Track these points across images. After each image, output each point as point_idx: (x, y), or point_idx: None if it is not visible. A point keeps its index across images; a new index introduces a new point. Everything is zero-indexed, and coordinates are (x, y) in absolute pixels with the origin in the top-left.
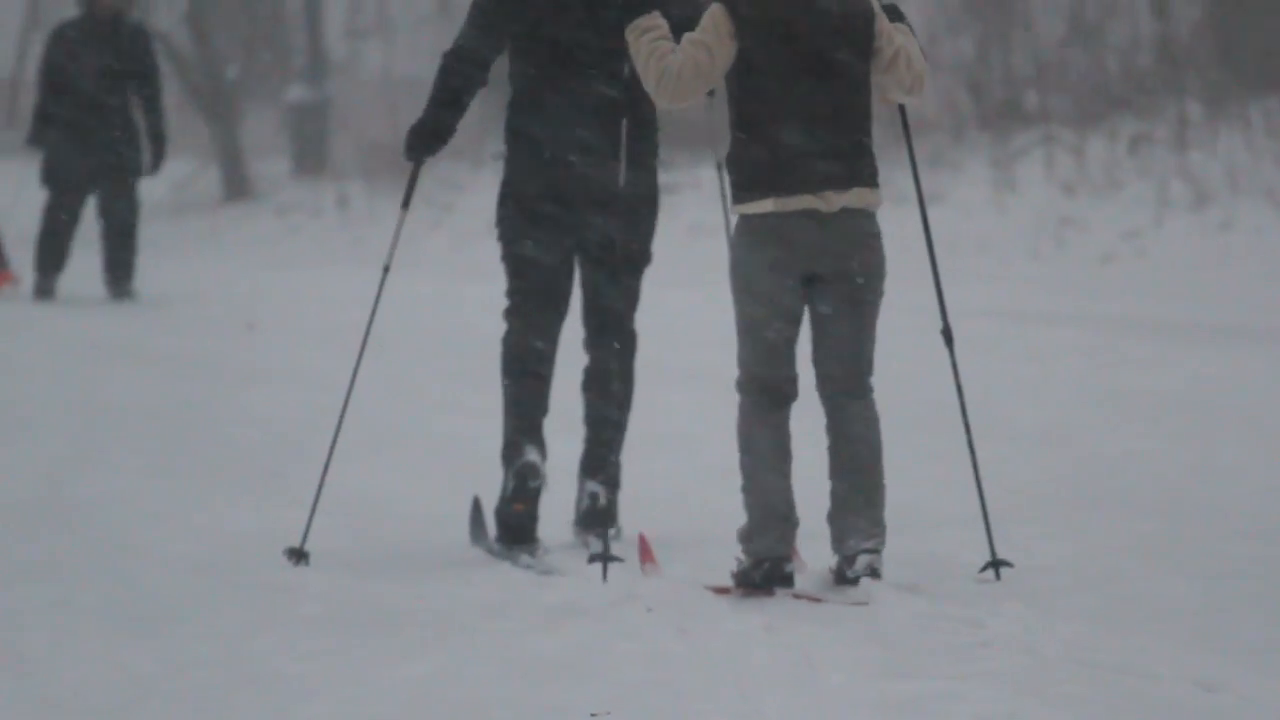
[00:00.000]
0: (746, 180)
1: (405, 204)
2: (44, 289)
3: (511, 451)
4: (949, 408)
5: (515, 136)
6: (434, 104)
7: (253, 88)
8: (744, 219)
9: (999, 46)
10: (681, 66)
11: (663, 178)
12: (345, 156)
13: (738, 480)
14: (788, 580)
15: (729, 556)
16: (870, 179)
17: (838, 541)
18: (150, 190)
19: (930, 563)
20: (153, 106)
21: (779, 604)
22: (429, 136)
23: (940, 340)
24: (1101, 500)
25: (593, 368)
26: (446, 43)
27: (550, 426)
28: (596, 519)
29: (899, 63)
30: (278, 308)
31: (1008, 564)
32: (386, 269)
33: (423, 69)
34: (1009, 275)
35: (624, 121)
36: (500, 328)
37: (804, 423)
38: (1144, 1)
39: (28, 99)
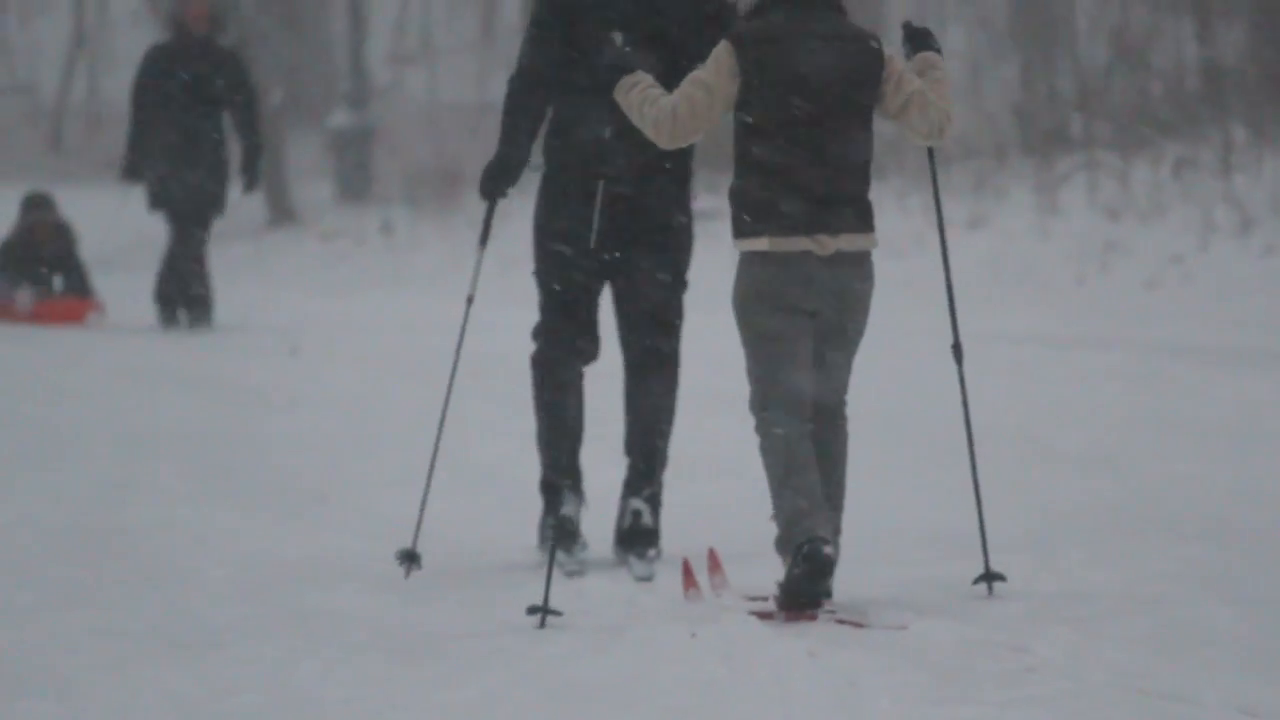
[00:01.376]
0: (745, 217)
1: (483, 242)
2: (169, 320)
3: (550, 494)
4: (991, 431)
5: (552, 155)
6: (502, 142)
7: (297, 113)
8: (743, 255)
9: (1043, 71)
10: (676, 106)
11: (706, 203)
12: (389, 182)
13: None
14: (828, 566)
15: (772, 580)
16: (864, 224)
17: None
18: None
19: (975, 588)
20: (250, 129)
21: (822, 629)
22: (499, 176)
23: (975, 364)
24: (1147, 525)
25: (632, 390)
26: (490, 68)
27: (595, 449)
28: (639, 538)
29: (911, 110)
30: (321, 333)
31: (1000, 578)
32: (470, 300)
33: (466, 94)
34: (1053, 300)
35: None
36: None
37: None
38: (1188, 26)
39: (71, 127)
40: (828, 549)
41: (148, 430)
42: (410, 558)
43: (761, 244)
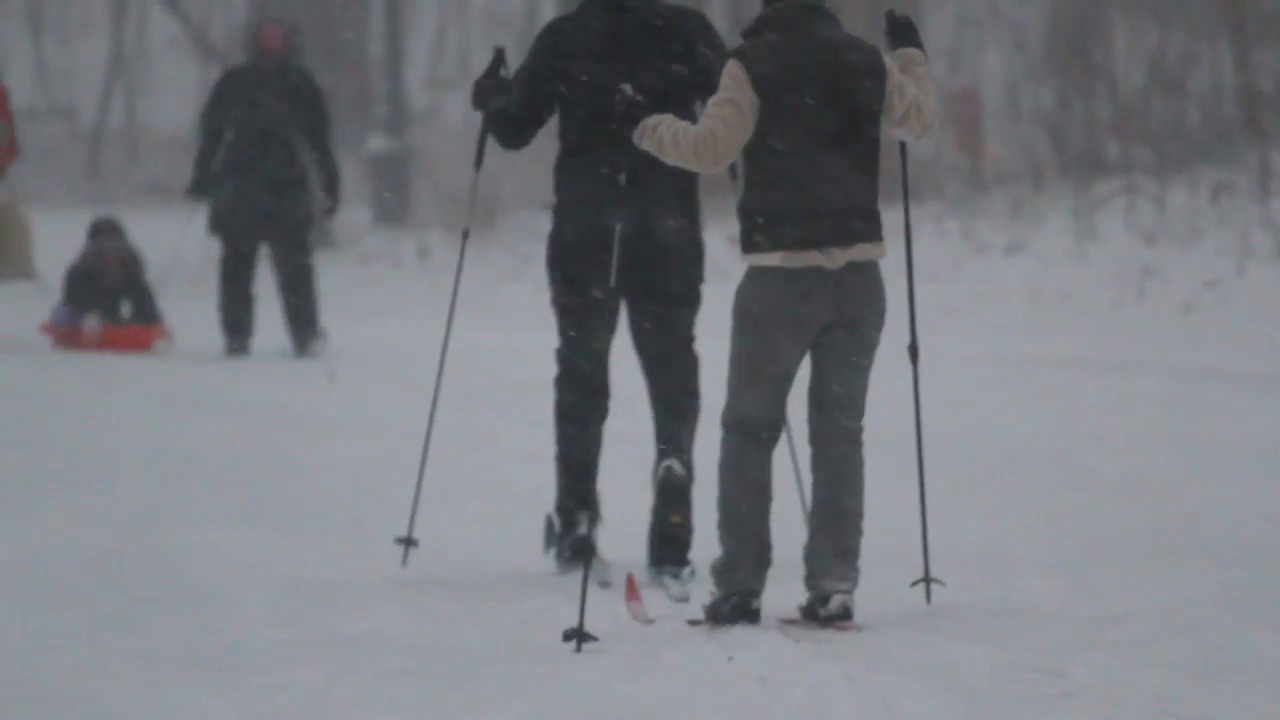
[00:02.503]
0: (756, 232)
1: (477, 164)
2: (236, 348)
3: (566, 515)
4: (1028, 455)
5: (562, 188)
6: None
7: (335, 137)
8: (752, 269)
9: (1080, 96)
10: (713, 128)
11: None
12: (426, 206)
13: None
14: (754, 616)
15: (800, 597)
16: (874, 234)
17: (813, 578)
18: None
19: (1012, 612)
20: (326, 154)
21: (858, 653)
22: (494, 97)
23: (1012, 388)
24: (1184, 550)
25: (656, 397)
26: None
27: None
28: (669, 548)
29: (910, 117)
30: (358, 358)
31: (939, 582)
32: (466, 234)
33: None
34: (1090, 324)
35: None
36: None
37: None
38: (1225, 50)
39: (109, 151)
40: (755, 604)
41: (184, 454)
42: (408, 543)
43: (774, 259)
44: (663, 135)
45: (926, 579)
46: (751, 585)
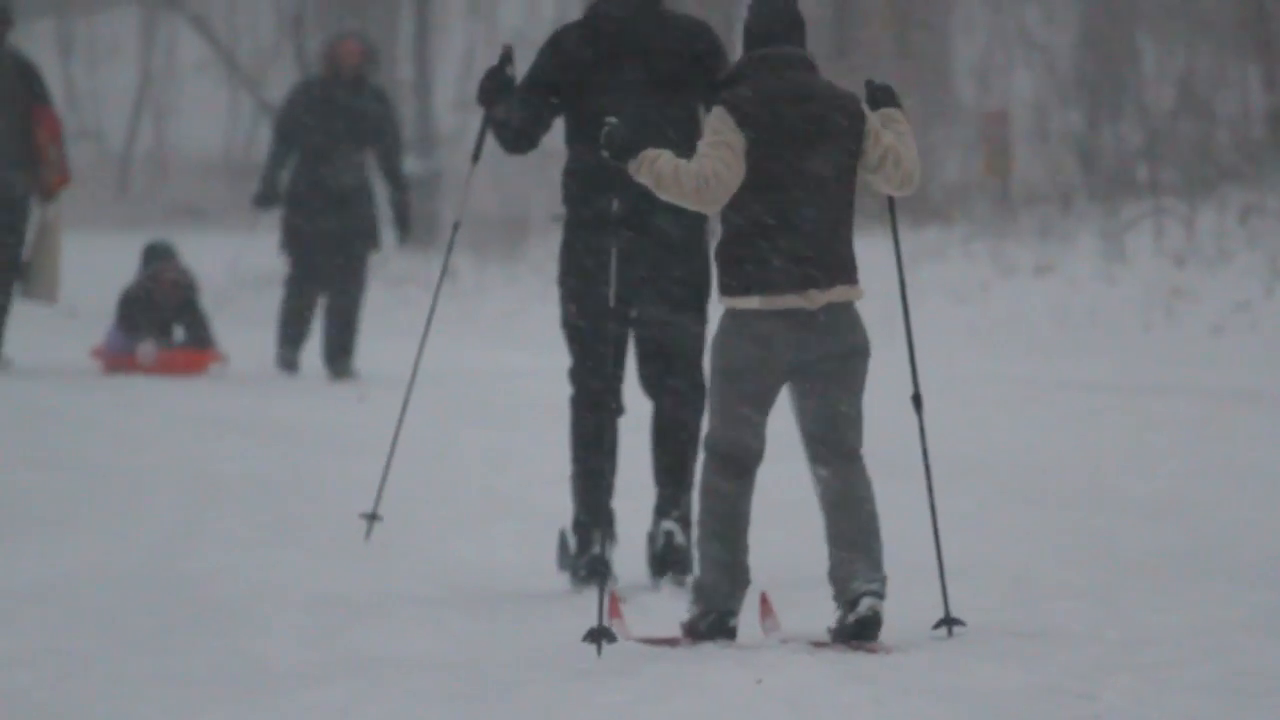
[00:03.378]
0: (734, 276)
1: (475, 157)
2: (287, 361)
3: (581, 534)
4: (1057, 477)
5: (568, 200)
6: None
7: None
8: (730, 311)
9: (1109, 118)
10: (714, 167)
11: None
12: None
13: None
14: (730, 634)
15: (828, 615)
16: (850, 276)
17: (840, 591)
18: (262, 261)
19: (1041, 634)
20: (396, 175)
21: (887, 675)
22: (494, 87)
23: (1041, 410)
24: (1214, 572)
25: (659, 416)
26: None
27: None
28: (673, 558)
29: (886, 163)
30: (387, 380)
31: (960, 623)
32: (457, 225)
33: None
34: (1119, 346)
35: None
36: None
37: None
38: (1254, 72)
39: (138, 173)
40: (732, 622)
41: (213, 476)
42: (371, 518)
43: (752, 302)
44: (662, 170)
45: (948, 620)
46: (728, 604)
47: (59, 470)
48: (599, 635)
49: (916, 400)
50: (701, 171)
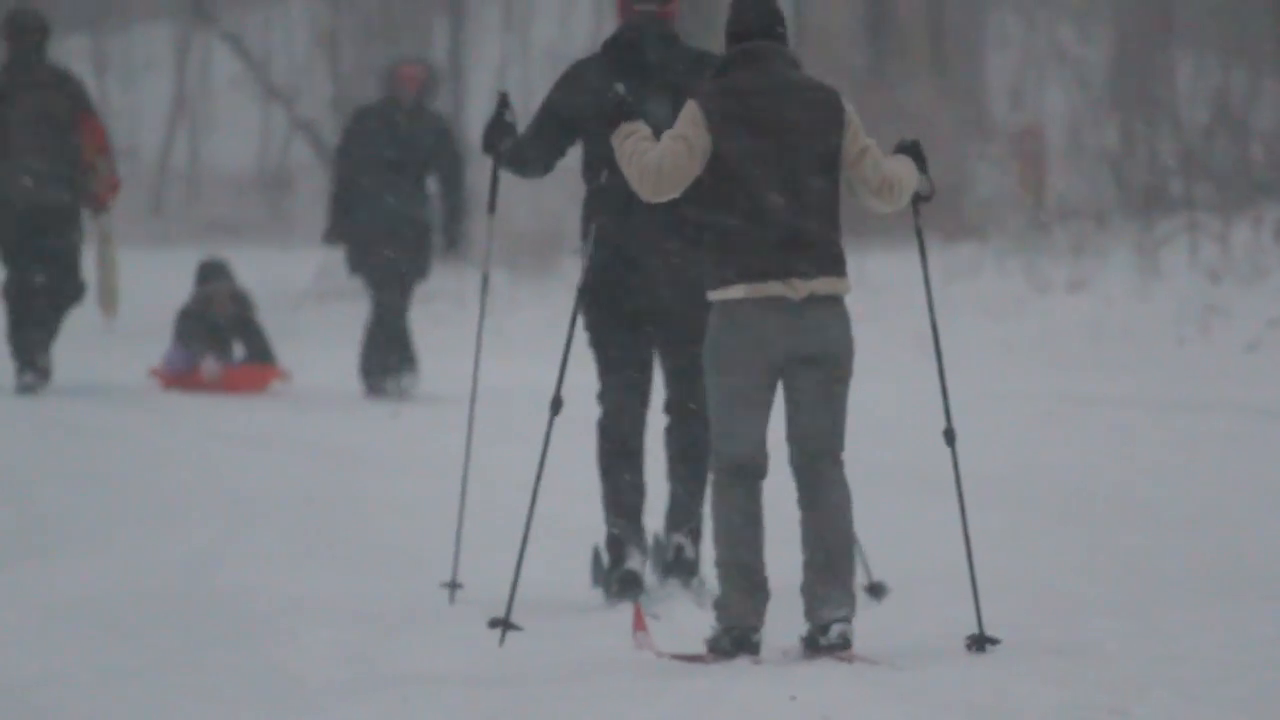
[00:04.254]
0: (720, 268)
1: (490, 208)
2: (375, 387)
3: (614, 550)
4: (1091, 493)
5: (585, 230)
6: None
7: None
8: (719, 304)
9: (1143, 133)
10: (660, 160)
11: None
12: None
13: (888, 573)
14: (755, 648)
15: (866, 635)
16: (836, 268)
17: (811, 611)
18: (296, 277)
19: (1075, 650)
20: (455, 192)
21: (922, 692)
22: (490, 145)
23: (1075, 426)
24: (1249, 589)
25: (675, 426)
26: None
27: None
28: (680, 568)
29: (865, 162)
30: (421, 397)
31: (994, 640)
32: (485, 278)
33: (565, 159)
34: (1154, 362)
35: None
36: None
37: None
38: None
39: (171, 191)
40: (755, 637)
41: (247, 493)
42: (453, 587)
43: (737, 291)
44: (626, 148)
45: (981, 638)
46: (750, 619)
47: (93, 487)
48: (503, 624)
49: (949, 435)
50: (649, 161)
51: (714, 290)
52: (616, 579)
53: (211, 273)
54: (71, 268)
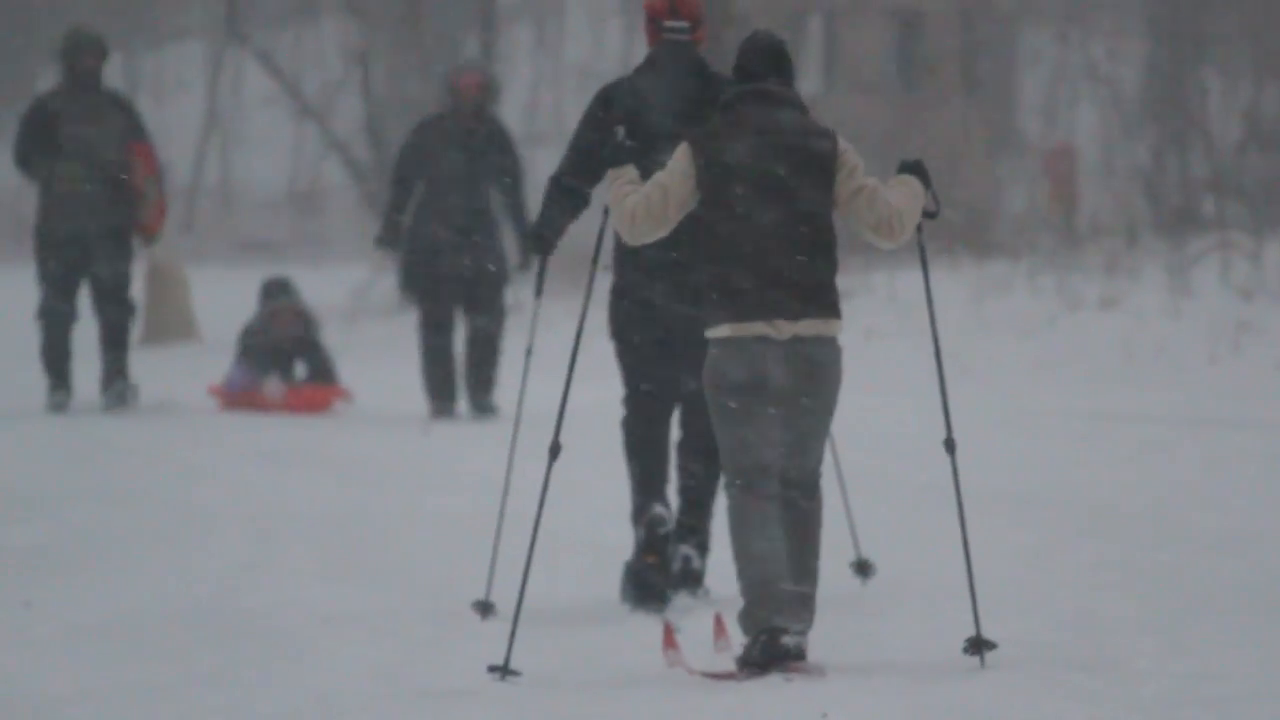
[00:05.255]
0: (710, 305)
1: (538, 293)
2: (442, 410)
3: (640, 512)
4: (1123, 511)
5: (622, 246)
6: (544, 208)
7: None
8: (712, 341)
9: (1175, 151)
10: (635, 207)
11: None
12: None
13: (907, 587)
14: (785, 652)
15: (891, 653)
16: (823, 309)
17: None
18: (328, 295)
19: (1107, 668)
20: (518, 210)
21: (953, 710)
22: (538, 238)
23: (1107, 443)
24: None
25: (687, 442)
26: None
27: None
28: (688, 579)
29: (859, 202)
30: (455, 413)
31: (991, 645)
32: (529, 351)
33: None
34: (1185, 380)
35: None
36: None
37: None
38: None
39: (203, 207)
40: (784, 639)
41: (279, 510)
42: (485, 607)
43: (723, 330)
44: (613, 194)
45: (979, 642)
46: (774, 621)
47: (125, 505)
48: (503, 670)
49: (949, 445)
50: (623, 209)
51: (707, 328)
52: (645, 523)
53: (276, 290)
54: (121, 293)
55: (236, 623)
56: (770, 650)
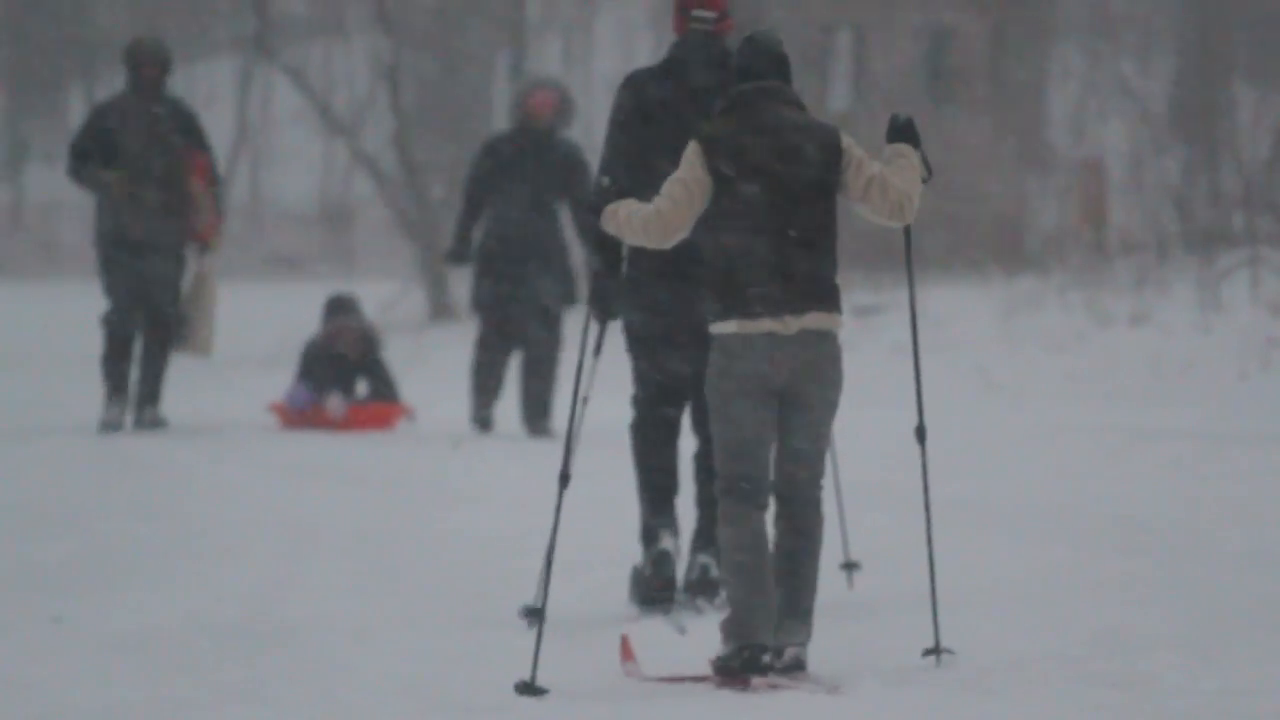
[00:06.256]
0: (716, 303)
1: (597, 352)
2: (483, 419)
3: (649, 537)
4: (1152, 527)
5: (637, 252)
6: (604, 264)
7: (457, 210)
8: (717, 339)
9: (1205, 167)
10: (660, 205)
11: (865, 299)
12: None
13: (924, 600)
14: (765, 668)
15: (917, 672)
16: (827, 303)
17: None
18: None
19: (1135, 684)
20: (589, 230)
21: None
22: (603, 300)
23: (1136, 459)
24: None
25: (703, 456)
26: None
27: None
28: (705, 587)
29: (872, 191)
30: (500, 432)
31: (949, 651)
32: (585, 399)
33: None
34: (1215, 396)
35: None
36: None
37: None
38: None
39: (233, 223)
40: (766, 658)
41: (308, 525)
42: (533, 613)
43: (730, 326)
44: (620, 216)
45: (937, 649)
46: (759, 638)
47: (156, 521)
48: (530, 687)
49: (920, 433)
50: (649, 211)
51: (712, 325)
52: (651, 558)
53: (340, 308)
54: (167, 307)
55: (266, 638)
56: (750, 666)
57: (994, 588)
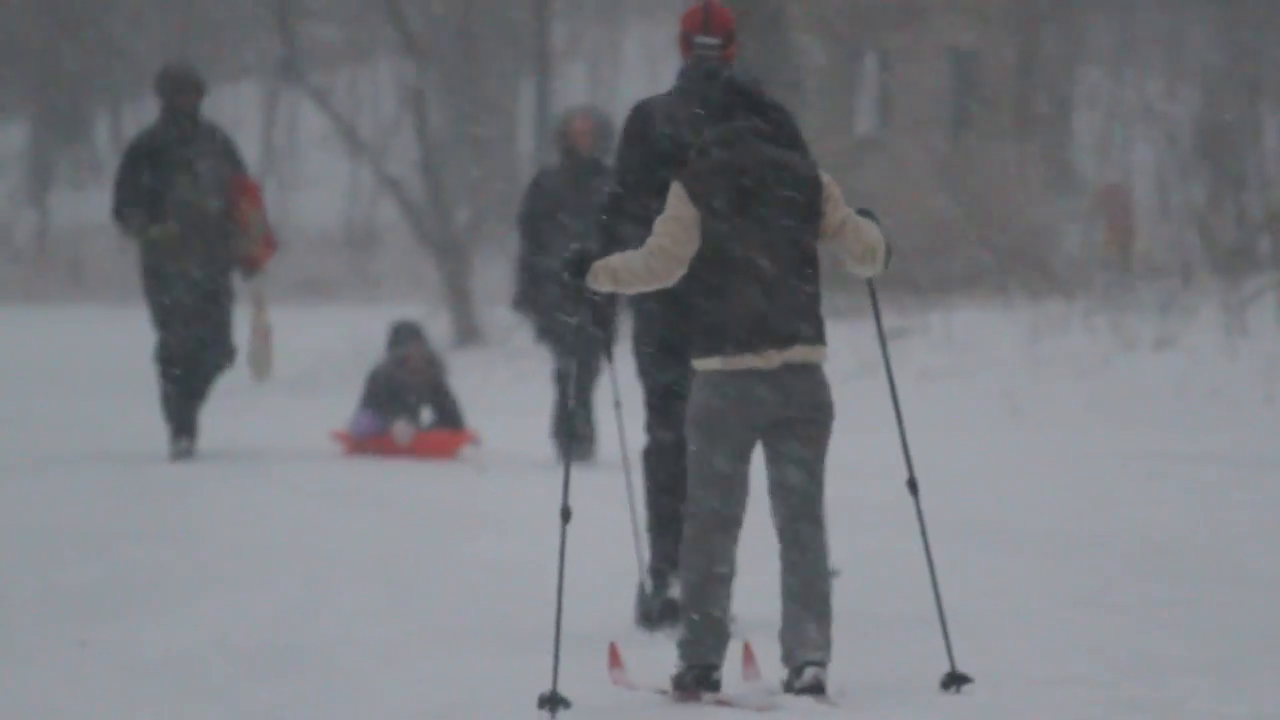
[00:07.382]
0: (699, 338)
1: (609, 357)
2: (582, 454)
3: (658, 578)
4: (1178, 551)
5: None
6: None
7: (483, 234)
8: (699, 374)
9: (1230, 191)
10: (659, 241)
11: (890, 321)
12: None
13: (951, 625)
14: (715, 686)
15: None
16: (811, 337)
17: (787, 656)
18: (381, 335)
19: (1162, 710)
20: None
21: None
22: (606, 329)
23: (1162, 483)
24: None
25: (652, 450)
26: None
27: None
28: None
29: (846, 230)
30: (508, 454)
31: (968, 679)
32: (618, 404)
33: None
34: (1241, 420)
35: None
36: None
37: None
38: None
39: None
40: (716, 675)
41: (333, 550)
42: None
43: (714, 363)
44: (615, 267)
45: (954, 676)
46: (711, 659)
47: (180, 544)
48: (553, 701)
49: (912, 485)
50: (647, 249)
51: (695, 360)
52: (658, 606)
53: (405, 335)
54: (223, 332)
55: (291, 661)
56: (701, 683)
57: (1019, 612)
